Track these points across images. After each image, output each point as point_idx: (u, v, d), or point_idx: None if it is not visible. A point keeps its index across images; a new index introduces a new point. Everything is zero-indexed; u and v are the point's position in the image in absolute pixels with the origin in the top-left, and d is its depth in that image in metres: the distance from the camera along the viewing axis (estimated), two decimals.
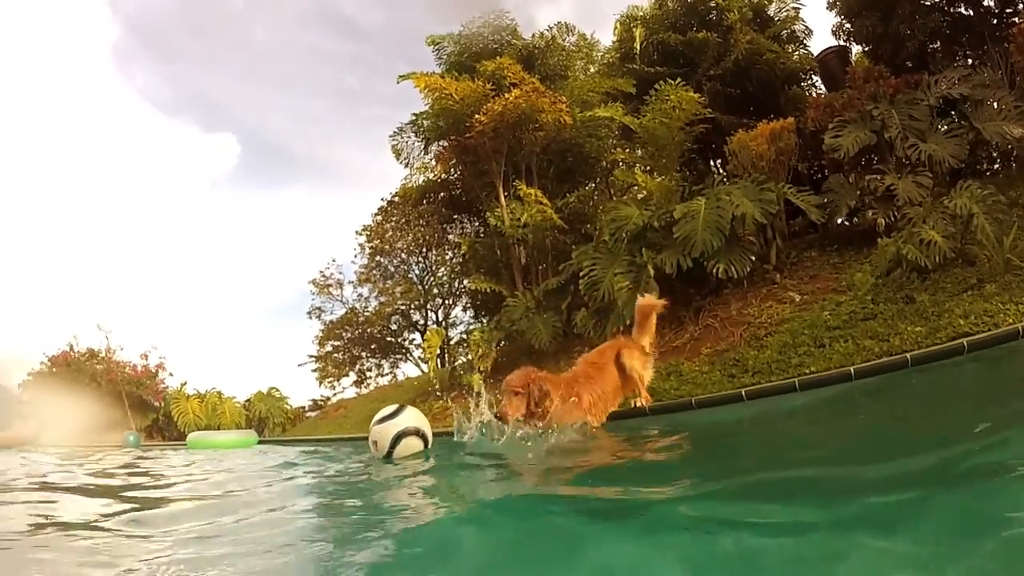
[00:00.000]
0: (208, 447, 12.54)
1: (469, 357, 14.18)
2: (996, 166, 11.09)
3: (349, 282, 17.68)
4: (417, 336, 17.57)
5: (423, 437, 4.98)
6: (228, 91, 41.16)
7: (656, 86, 11.85)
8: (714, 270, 9.78)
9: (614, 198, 15.08)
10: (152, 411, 23.01)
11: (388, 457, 4.82)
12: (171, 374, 23.52)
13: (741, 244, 9.93)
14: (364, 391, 18.98)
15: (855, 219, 10.81)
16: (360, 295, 17.60)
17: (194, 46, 39.20)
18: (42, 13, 33.33)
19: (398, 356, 18.52)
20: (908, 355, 6.14)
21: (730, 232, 9.70)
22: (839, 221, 10.73)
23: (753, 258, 9.93)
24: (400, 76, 14.36)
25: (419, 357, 17.33)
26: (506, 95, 13.45)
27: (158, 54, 39.40)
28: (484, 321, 15.69)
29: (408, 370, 19.09)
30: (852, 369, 6.25)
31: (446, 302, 17.72)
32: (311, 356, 18.31)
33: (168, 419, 22.40)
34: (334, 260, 18.27)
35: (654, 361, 7.46)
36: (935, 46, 11.97)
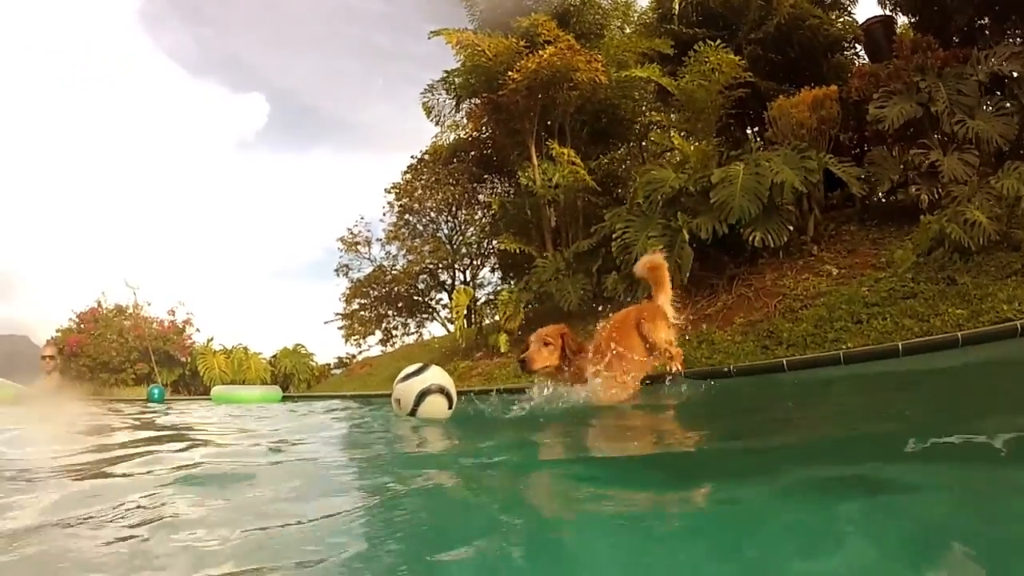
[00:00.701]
0: (232, 401, 12.65)
1: (496, 318, 14.17)
2: None
3: (377, 239, 17.63)
4: (444, 296, 17.60)
5: (447, 395, 4.92)
6: (257, 51, 41.08)
7: (695, 47, 11.63)
8: (750, 238, 9.62)
9: (648, 162, 14.87)
10: (179, 366, 23.27)
11: (412, 415, 4.78)
12: (198, 330, 23.76)
13: (779, 213, 9.70)
14: (390, 350, 19.06)
15: (896, 195, 10.64)
16: (388, 253, 17.58)
17: (222, 6, 38.91)
18: None
19: (425, 316, 18.56)
20: (959, 334, 6.00)
21: (768, 200, 9.50)
22: (880, 196, 10.56)
23: (791, 228, 9.72)
24: (431, 32, 14.19)
25: (446, 317, 17.37)
26: (540, 52, 13.18)
27: (185, 15, 39.19)
28: (512, 283, 15.65)
29: (434, 330, 19.19)
30: (900, 344, 6.13)
31: (474, 262, 17.65)
32: (337, 314, 18.37)
33: (194, 374, 22.68)
34: (362, 218, 18.23)
35: (686, 329, 7.40)
36: (984, 21, 11.60)
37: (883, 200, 10.83)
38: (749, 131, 13.49)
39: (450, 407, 4.93)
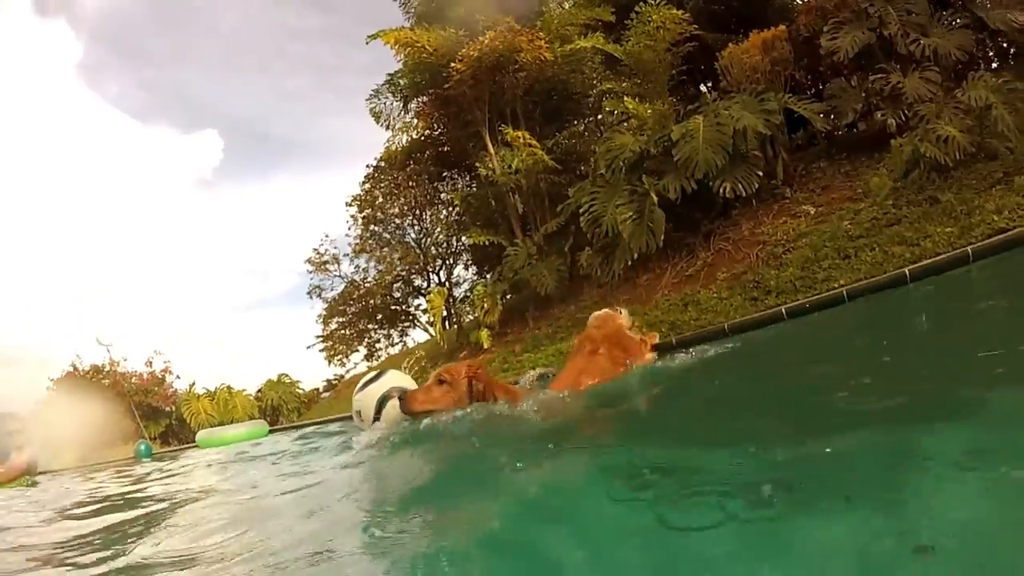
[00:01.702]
0: (218, 444, 12.26)
1: (475, 315, 13.80)
2: (1009, 58, 10.50)
3: (345, 255, 17.19)
4: (422, 301, 17.18)
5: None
6: (203, 85, 40.85)
7: (636, 9, 11.30)
8: (720, 190, 9.28)
9: (603, 134, 14.59)
10: (164, 417, 22.88)
11: (376, 420, 4.38)
12: (178, 377, 23.41)
13: (746, 160, 9.36)
14: (375, 364, 18.64)
15: (858, 125, 10.37)
16: (358, 267, 17.15)
17: (163, 44, 38.67)
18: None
19: (406, 324, 18.15)
20: (969, 248, 5.60)
21: (733, 149, 9.16)
22: (845, 127, 10.28)
23: (760, 174, 9.37)
24: (368, 36, 13.77)
25: (427, 322, 16.97)
26: (481, 39, 12.84)
27: (126, 60, 38.84)
28: (487, 276, 15.30)
29: (418, 336, 18.78)
30: (907, 271, 5.69)
31: (446, 262, 17.25)
32: (318, 337, 17.96)
33: (181, 422, 22.25)
34: (327, 235, 17.92)
35: (668, 293, 6.97)
36: None
37: (849, 131, 10.55)
38: (703, 87, 13.18)
39: None
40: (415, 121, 15.63)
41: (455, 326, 15.75)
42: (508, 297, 13.36)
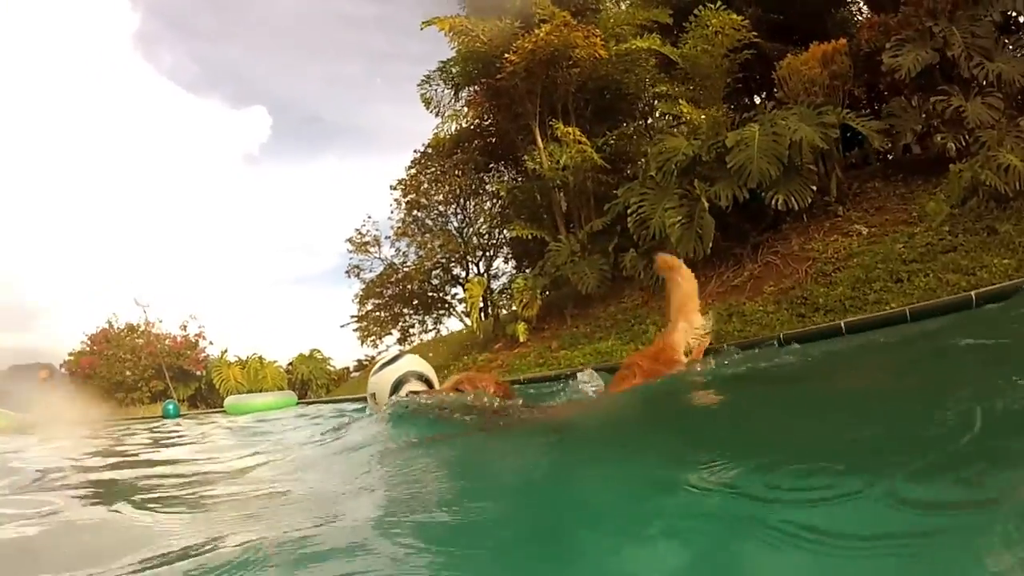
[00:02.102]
0: (246, 411, 12.41)
1: (513, 307, 13.88)
2: None
3: (387, 238, 17.35)
4: (459, 290, 17.29)
5: (427, 381, 4.43)
6: (255, 64, 41.23)
7: (695, 12, 11.28)
8: (772, 202, 9.23)
9: (654, 136, 14.55)
10: (194, 380, 23.21)
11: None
12: (211, 343, 23.72)
13: (800, 173, 9.27)
14: (407, 348, 18.78)
15: (917, 147, 10.28)
16: (399, 250, 17.31)
17: (217, 20, 39.02)
18: (60, 17, 33.33)
19: (440, 311, 18.28)
20: None
21: (788, 160, 9.10)
22: (902, 148, 10.18)
23: (814, 188, 9.31)
24: (423, 23, 13.86)
25: (462, 311, 17.07)
26: (536, 32, 12.83)
27: (181, 33, 39.24)
28: (526, 271, 15.36)
29: (452, 325, 18.97)
30: (973, 294, 5.67)
31: (486, 253, 17.33)
32: (352, 316, 18.14)
33: (210, 387, 22.54)
34: (369, 217, 17.95)
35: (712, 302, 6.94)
36: None
37: (905, 153, 10.45)
38: (756, 97, 13.12)
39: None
40: (465, 110, 15.69)
41: (491, 317, 15.82)
42: (547, 293, 13.38)
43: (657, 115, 15.19)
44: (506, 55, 13.05)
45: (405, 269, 16.96)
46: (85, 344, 22.55)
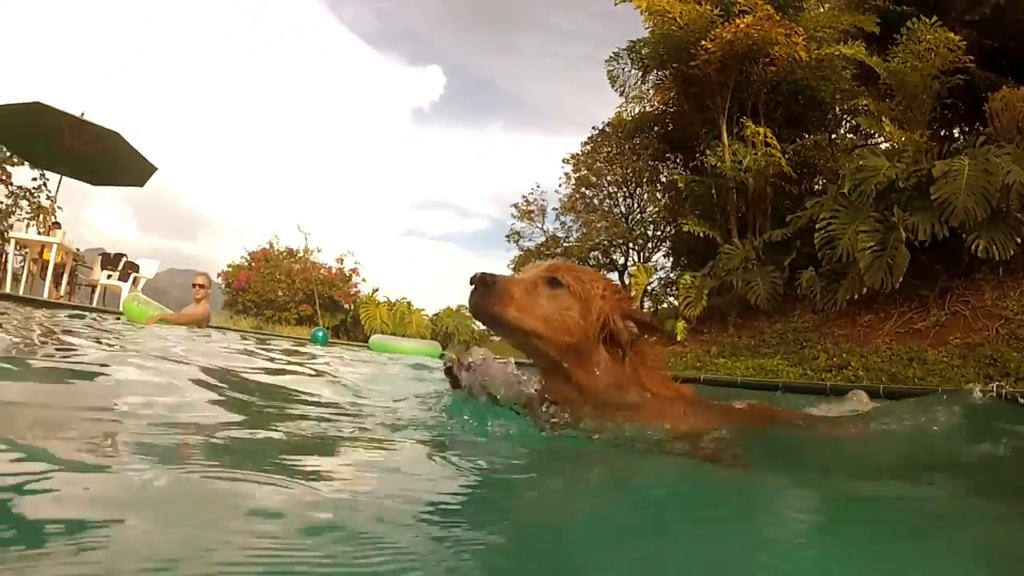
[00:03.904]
0: (389, 351, 12.88)
1: (674, 302, 13.97)
2: None
3: (553, 209, 17.74)
4: (614, 276, 17.51)
5: None
6: (434, 26, 42.22)
7: (908, 24, 10.88)
8: (972, 246, 8.89)
9: (845, 153, 14.12)
10: (341, 312, 24.31)
11: None
12: (364, 279, 24.75)
13: (1006, 220, 8.89)
14: None
15: None
16: (564, 223, 17.66)
17: None
18: None
19: None
20: None
21: (995, 204, 8.70)
22: None
23: (1019, 240, 8.85)
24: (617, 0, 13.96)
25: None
26: (736, 21, 12.76)
27: None
28: (684, 269, 15.35)
29: None
30: None
31: (648, 244, 17.42)
32: None
33: (356, 322, 23.59)
34: (538, 186, 18.36)
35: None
36: None
37: None
38: (957, 129, 12.46)
39: None
40: (651, 93, 15.71)
41: (650, 311, 15.96)
42: (712, 295, 13.35)
43: (843, 131, 14.69)
44: (702, 42, 13.05)
45: (565, 244, 17.30)
46: (244, 259, 24.18)
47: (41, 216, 16.80)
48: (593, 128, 16.90)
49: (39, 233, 13.75)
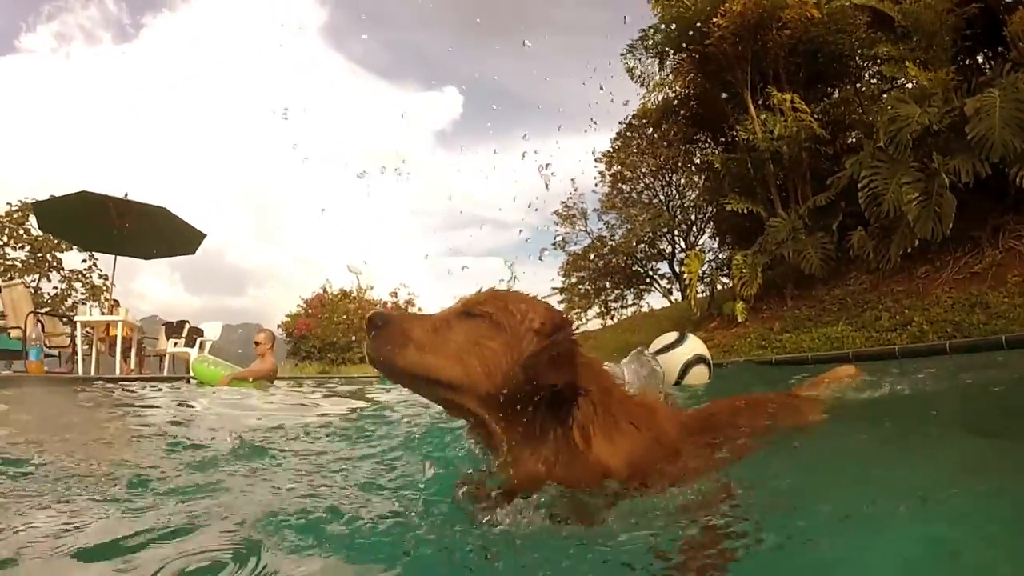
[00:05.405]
0: None
1: (728, 284, 14.08)
2: None
3: (594, 210, 18.01)
4: (663, 266, 17.73)
5: (708, 364, 5.11)
6: (444, 46, 42.70)
7: None
8: (1017, 178, 8.92)
9: (869, 103, 14.10)
10: None
11: (676, 385, 5.01)
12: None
13: None
14: (609, 323, 19.38)
15: None
16: (607, 223, 17.90)
17: (403, 9, 40.64)
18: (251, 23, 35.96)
19: (642, 287, 18.78)
20: None
21: None
22: None
23: None
24: None
25: (665, 287, 17.49)
26: None
27: (367, 22, 41.07)
28: (731, 248, 15.45)
29: (652, 301, 19.46)
30: None
31: (693, 229, 17.59)
32: (555, 288, 18.91)
33: None
34: (576, 189, 18.58)
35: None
36: None
37: None
38: (981, 57, 12.37)
39: (710, 375, 5.19)
40: (671, 78, 15.87)
41: (706, 295, 16.03)
42: (766, 271, 13.39)
43: (867, 78, 14.66)
44: (713, 19, 13.23)
45: (611, 243, 17.53)
46: (301, 307, 25.07)
47: (101, 297, 17.56)
48: (620, 123, 17.14)
49: (102, 313, 14.39)
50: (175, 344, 14.97)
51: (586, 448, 1.59)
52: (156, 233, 14.82)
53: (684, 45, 14.50)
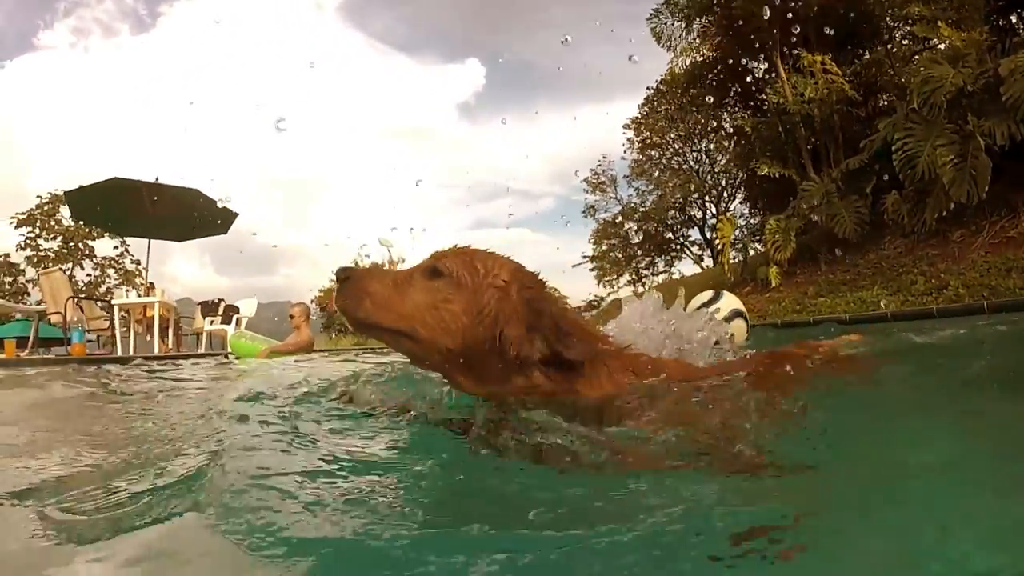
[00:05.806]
0: None
1: (760, 249, 14.09)
2: None
3: (624, 177, 18.02)
4: (694, 232, 17.74)
5: (745, 318, 5.14)
6: (463, 19, 42.55)
7: None
8: None
9: (902, 64, 13.93)
10: None
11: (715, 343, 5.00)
12: None
13: None
14: (641, 290, 19.41)
15: None
16: (638, 189, 17.92)
17: None
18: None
19: (672, 254, 18.79)
20: None
21: None
22: None
23: None
24: None
25: (696, 253, 17.51)
26: None
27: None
28: (762, 213, 15.42)
29: (683, 267, 19.47)
30: None
31: (724, 194, 17.55)
32: (585, 256, 18.97)
33: None
34: (605, 157, 18.56)
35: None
36: None
37: None
38: (1015, 16, 12.16)
39: (748, 331, 5.19)
40: (698, 42, 15.77)
41: (740, 260, 16.02)
42: (799, 236, 13.38)
43: (898, 39, 14.47)
44: None
45: (642, 209, 17.56)
46: (332, 281, 25.43)
47: (135, 280, 17.91)
48: (647, 88, 17.03)
49: (139, 296, 14.69)
50: (211, 322, 15.27)
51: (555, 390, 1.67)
52: (189, 214, 15.05)
53: (712, 5, 14.40)
